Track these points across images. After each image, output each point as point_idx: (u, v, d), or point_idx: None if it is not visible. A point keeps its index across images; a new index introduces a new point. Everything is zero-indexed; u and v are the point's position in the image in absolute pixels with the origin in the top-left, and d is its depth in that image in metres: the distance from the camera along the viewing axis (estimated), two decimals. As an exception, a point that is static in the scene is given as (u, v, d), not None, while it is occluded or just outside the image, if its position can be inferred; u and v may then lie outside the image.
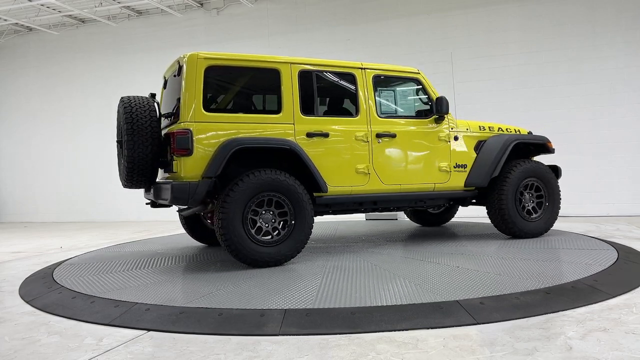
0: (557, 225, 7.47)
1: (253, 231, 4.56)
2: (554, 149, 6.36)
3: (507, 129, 6.16)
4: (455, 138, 5.70)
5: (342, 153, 5.13)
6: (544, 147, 6.25)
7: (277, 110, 4.92)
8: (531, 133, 6.41)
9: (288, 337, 2.93)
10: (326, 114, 5.29)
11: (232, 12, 11.76)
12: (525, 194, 5.86)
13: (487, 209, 5.88)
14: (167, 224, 10.17)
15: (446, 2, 10.22)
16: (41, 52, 13.42)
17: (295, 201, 4.68)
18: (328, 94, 5.46)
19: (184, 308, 3.41)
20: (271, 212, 4.65)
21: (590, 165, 9.34)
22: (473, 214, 8.11)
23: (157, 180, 5.07)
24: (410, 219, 7.81)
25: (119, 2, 11.55)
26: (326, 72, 5.25)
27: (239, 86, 5.14)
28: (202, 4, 11.93)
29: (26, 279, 4.99)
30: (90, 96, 12.92)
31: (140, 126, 4.73)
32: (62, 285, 4.32)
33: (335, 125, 5.13)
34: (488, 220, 6.17)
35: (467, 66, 10.02)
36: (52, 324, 3.43)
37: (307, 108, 5.04)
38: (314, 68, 5.15)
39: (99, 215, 12.71)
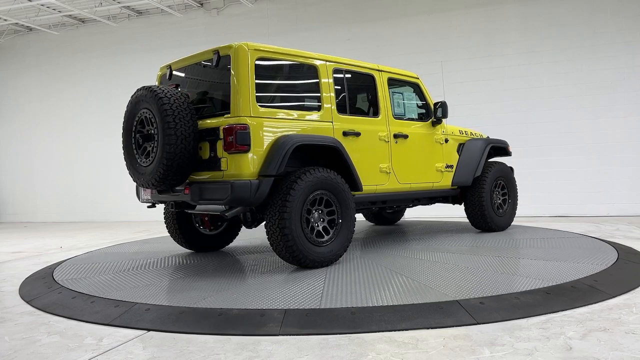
0: (557, 225, 7.49)
1: (308, 231, 4.42)
2: (511, 152, 7.03)
3: (474, 134, 6.75)
4: (446, 140, 6.16)
5: (370, 152, 5.18)
6: (505, 150, 6.92)
7: (318, 108, 4.87)
8: (489, 137, 6.94)
9: (288, 337, 2.93)
10: (354, 113, 5.28)
11: (232, 12, 11.76)
12: (494, 192, 6.48)
13: (465, 205, 6.40)
14: (167, 224, 10.16)
15: (446, 2, 10.22)
16: (41, 52, 13.42)
17: (342, 199, 4.64)
18: (354, 93, 5.49)
19: (184, 308, 3.41)
20: (319, 211, 4.57)
21: (590, 165, 9.35)
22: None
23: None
24: (366, 218, 8.06)
25: (119, 2, 11.55)
26: (352, 71, 5.28)
27: (281, 81, 4.96)
28: (202, 4, 11.93)
29: (26, 279, 4.99)
30: (90, 96, 12.92)
31: (182, 119, 4.26)
32: (62, 285, 4.31)
33: (363, 124, 5.17)
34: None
35: (467, 66, 10.02)
36: (52, 324, 3.43)
37: (341, 107, 5.04)
38: (343, 67, 5.17)
39: (99, 215, 12.71)
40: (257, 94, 4.41)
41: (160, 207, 5.94)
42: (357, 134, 5.04)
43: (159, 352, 2.79)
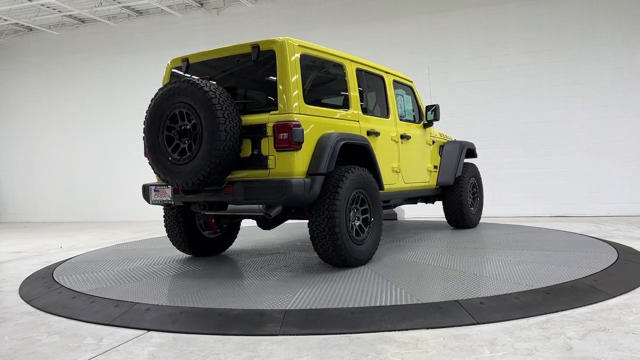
0: (557, 225, 7.49)
1: (350, 229, 4.34)
2: (477, 154, 7.34)
3: (447, 136, 7.00)
4: (433, 142, 6.40)
5: (385, 152, 5.22)
6: (473, 152, 7.18)
7: (347, 107, 4.85)
8: (456, 139, 7.20)
9: (288, 337, 2.93)
10: (372, 113, 5.30)
11: (232, 12, 11.76)
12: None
13: (444, 204, 6.72)
14: (167, 224, 10.15)
15: (446, 2, 10.22)
16: (41, 52, 13.43)
17: (374, 198, 4.64)
18: (370, 94, 5.52)
19: (184, 308, 3.41)
20: (355, 210, 4.51)
21: (590, 165, 9.35)
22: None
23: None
24: None
25: (119, 2, 11.56)
26: (369, 72, 5.30)
27: (318, 78, 4.90)
28: (202, 4, 11.93)
29: (26, 279, 4.99)
30: (90, 96, 12.93)
31: (230, 115, 4.02)
32: (62, 285, 4.31)
33: (380, 124, 5.22)
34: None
35: (466, 66, 10.02)
36: (52, 324, 3.43)
37: (363, 106, 5.07)
38: (363, 68, 5.19)
39: (99, 215, 12.72)
40: (303, 91, 4.33)
41: (160, 207, 5.89)
42: (377, 134, 5.08)
43: (158, 352, 2.79)
